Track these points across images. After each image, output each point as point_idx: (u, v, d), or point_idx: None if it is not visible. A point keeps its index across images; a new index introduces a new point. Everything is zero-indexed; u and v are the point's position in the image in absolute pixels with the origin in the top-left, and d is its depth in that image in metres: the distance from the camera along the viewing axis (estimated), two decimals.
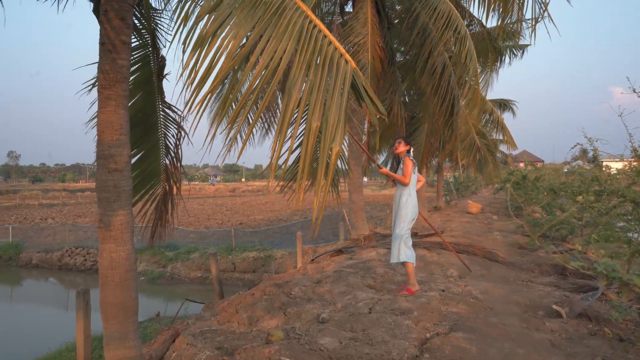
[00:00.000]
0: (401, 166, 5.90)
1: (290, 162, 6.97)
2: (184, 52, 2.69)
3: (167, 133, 5.95)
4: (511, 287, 6.27)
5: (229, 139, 9.43)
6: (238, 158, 3.11)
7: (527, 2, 3.91)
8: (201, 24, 2.78)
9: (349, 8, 11.64)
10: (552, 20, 3.78)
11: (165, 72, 5.71)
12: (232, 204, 47.76)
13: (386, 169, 6.11)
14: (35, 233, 27.35)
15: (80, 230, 26.27)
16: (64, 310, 16.88)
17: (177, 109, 5.89)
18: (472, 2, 4.29)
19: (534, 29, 4.19)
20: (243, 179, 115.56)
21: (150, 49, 5.58)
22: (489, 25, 12.64)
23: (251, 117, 10.07)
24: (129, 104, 4.71)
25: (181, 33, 2.84)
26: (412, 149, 6.01)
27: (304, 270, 8.34)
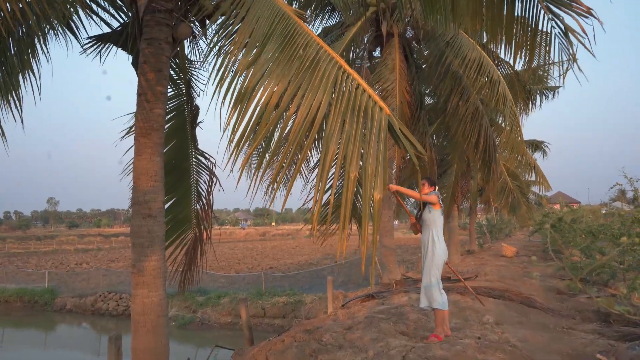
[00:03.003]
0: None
1: (322, 206, 7.01)
2: (222, 105, 2.80)
3: (199, 179, 6.07)
4: (551, 335, 6.00)
5: (266, 189, 9.55)
6: (282, 209, 3.18)
7: (554, 47, 3.93)
8: (238, 77, 2.88)
9: (377, 54, 11.87)
10: (580, 69, 3.81)
11: (198, 121, 5.89)
12: (262, 248, 47.80)
13: (397, 186, 5.88)
14: (70, 278, 27.83)
15: (114, 275, 26.59)
16: (95, 356, 16.91)
17: (210, 155, 6.02)
18: (500, 46, 4.35)
19: (565, 75, 4.19)
20: (273, 223, 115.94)
21: (184, 98, 5.78)
22: (518, 68, 12.67)
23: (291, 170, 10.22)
24: (164, 149, 4.85)
25: (220, 87, 2.95)
26: (436, 189, 5.87)
27: (335, 315, 8.19)
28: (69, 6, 4.29)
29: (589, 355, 4.99)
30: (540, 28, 3.91)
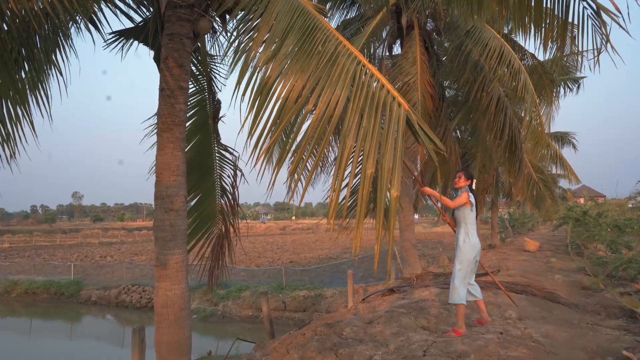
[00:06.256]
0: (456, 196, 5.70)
1: (340, 200, 7.01)
2: (242, 100, 2.81)
3: (223, 174, 6.11)
4: (575, 331, 5.91)
5: (285, 183, 9.67)
6: (300, 203, 3.20)
7: (587, 30, 3.81)
8: (257, 72, 2.90)
9: (396, 47, 11.78)
10: (614, 50, 3.68)
11: (220, 115, 5.92)
12: (282, 242, 48.04)
13: (430, 189, 5.82)
14: (94, 270, 28.43)
15: (137, 268, 27.05)
16: (119, 347, 17.25)
17: (233, 149, 6.05)
18: (526, 33, 4.24)
19: (597, 59, 4.05)
20: (293, 217, 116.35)
21: (206, 93, 5.82)
22: (541, 58, 12.44)
23: (309, 165, 10.23)
24: (187, 147, 4.90)
25: (240, 83, 2.96)
26: (474, 182, 5.75)
27: (355, 309, 8.19)
28: (93, 2, 4.35)
29: (615, 351, 4.90)
30: (571, 10, 3.80)
